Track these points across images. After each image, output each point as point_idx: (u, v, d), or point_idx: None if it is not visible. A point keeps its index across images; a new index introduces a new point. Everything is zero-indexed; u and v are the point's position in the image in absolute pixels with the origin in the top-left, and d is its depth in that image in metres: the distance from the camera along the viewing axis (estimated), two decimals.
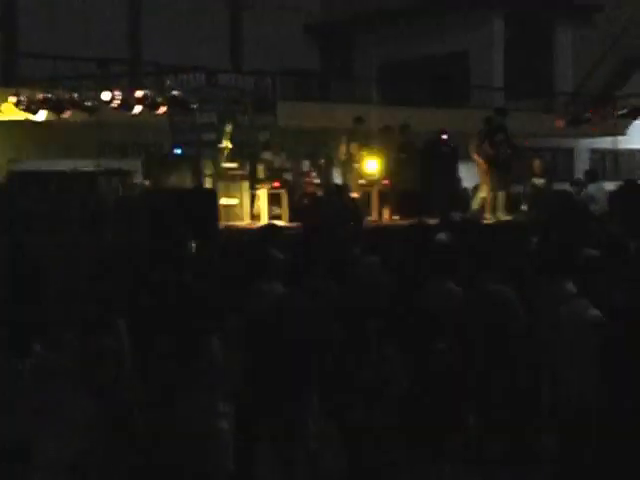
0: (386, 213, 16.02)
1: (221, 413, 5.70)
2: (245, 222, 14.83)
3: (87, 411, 5.25)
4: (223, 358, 5.84)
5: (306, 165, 16.27)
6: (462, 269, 7.89)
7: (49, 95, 14.78)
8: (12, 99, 15.22)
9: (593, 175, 17.39)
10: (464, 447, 7.16)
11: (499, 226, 13.92)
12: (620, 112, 19.00)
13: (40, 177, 15.36)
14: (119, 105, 14.62)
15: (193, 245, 10.29)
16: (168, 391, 5.75)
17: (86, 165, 14.80)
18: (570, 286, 6.90)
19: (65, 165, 16.36)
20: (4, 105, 15.68)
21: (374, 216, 15.88)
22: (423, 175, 16.56)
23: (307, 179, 15.82)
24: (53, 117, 15.01)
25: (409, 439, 6.95)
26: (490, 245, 9.00)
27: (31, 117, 15.34)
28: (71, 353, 5.72)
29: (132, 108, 14.72)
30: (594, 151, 25.73)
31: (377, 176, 15.87)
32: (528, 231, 11.18)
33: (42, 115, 15.04)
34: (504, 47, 26.33)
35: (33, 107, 14.91)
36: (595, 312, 6.49)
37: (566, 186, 18.72)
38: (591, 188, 16.66)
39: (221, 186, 14.78)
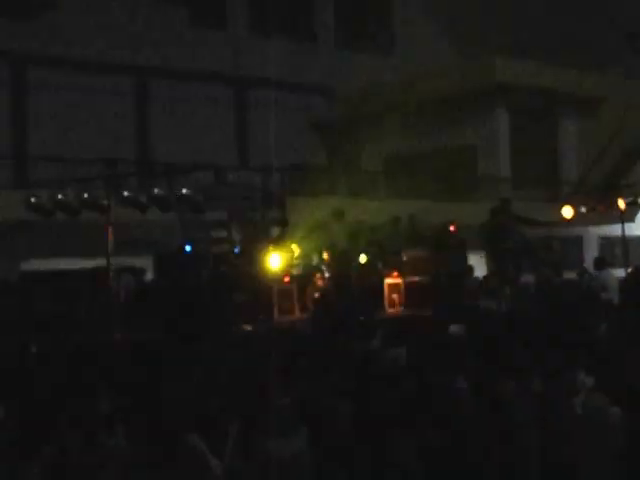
0: (397, 304, 16.00)
1: None
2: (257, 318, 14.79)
3: None
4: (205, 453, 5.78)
5: (316, 259, 16.32)
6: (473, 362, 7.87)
7: (61, 196, 14.92)
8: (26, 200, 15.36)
9: (602, 262, 17.38)
10: None
11: (511, 318, 13.85)
12: (628, 200, 19.10)
13: (50, 276, 15.44)
14: (130, 205, 14.74)
15: None
16: None
17: (98, 263, 14.87)
18: (584, 377, 6.83)
19: (77, 264, 16.47)
20: (16, 207, 15.81)
21: (386, 308, 15.85)
22: (433, 266, 16.59)
23: (317, 273, 15.83)
24: (65, 217, 15.15)
25: None
26: (501, 338, 8.98)
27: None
28: (77, 454, 5.66)
29: (142, 207, 14.83)
30: (603, 238, 25.78)
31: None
32: (538, 323, 11.12)
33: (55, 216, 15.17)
34: (509, 139, 26.61)
35: (46, 208, 15.05)
36: (615, 409, 6.43)
37: (573, 275, 18.73)
38: (601, 275, 16.63)
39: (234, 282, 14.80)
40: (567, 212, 19.54)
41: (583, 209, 19.49)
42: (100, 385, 7.29)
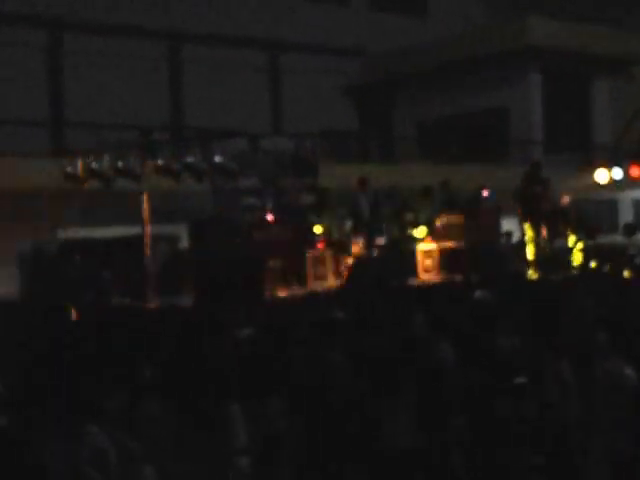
0: (431, 270, 16.06)
1: None
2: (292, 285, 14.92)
3: None
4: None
5: (349, 225, 16.37)
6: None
7: (96, 164, 15.08)
8: (62, 170, 15.53)
9: (632, 228, 17.31)
10: None
11: (541, 283, 13.89)
12: None
13: (87, 245, 15.67)
14: (163, 173, 14.84)
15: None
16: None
17: (133, 231, 15.05)
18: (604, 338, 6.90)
19: (112, 232, 16.68)
20: (53, 175, 16.02)
21: (419, 273, 15.93)
22: (466, 232, 16.63)
23: (352, 239, 15.89)
24: (100, 186, 15.31)
25: None
26: (526, 302, 9.04)
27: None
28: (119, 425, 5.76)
29: (176, 176, 14.91)
30: (637, 203, 25.65)
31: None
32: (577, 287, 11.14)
33: (90, 184, 15.35)
34: (542, 101, 26.43)
35: (81, 177, 15.23)
36: (630, 371, 6.52)
37: (616, 237, 18.63)
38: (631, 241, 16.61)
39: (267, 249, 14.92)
40: (601, 177, 19.49)
41: (617, 173, 19.41)
42: (140, 353, 7.44)
